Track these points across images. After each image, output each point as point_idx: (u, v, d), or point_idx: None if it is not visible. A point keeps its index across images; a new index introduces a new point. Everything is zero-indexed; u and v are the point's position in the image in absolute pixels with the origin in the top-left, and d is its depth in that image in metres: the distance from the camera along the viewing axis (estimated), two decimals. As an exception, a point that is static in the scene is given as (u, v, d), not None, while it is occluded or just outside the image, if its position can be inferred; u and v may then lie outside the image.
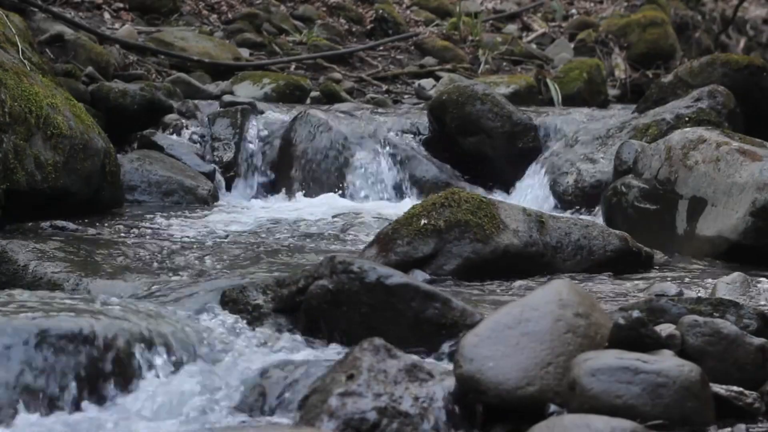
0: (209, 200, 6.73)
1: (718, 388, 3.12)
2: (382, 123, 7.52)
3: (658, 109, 6.98)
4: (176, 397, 3.26)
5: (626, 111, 7.79)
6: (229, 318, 3.73)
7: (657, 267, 4.99)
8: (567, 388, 2.98)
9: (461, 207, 4.67)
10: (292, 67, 9.52)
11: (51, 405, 3.18)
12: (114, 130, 6.86)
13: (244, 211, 6.52)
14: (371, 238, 4.87)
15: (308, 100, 8.66)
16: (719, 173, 5.32)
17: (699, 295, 4.19)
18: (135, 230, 5.64)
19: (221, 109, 7.65)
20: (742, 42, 13.46)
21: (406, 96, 9.33)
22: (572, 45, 10.92)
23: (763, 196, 5.12)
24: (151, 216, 6.02)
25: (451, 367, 3.17)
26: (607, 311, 3.40)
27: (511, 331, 3.11)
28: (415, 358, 3.25)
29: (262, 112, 7.59)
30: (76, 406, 3.20)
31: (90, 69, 7.94)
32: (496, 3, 12.07)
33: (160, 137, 7.21)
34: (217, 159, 7.29)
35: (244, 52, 9.51)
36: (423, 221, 4.64)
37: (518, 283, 4.55)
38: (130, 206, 6.40)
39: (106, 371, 3.29)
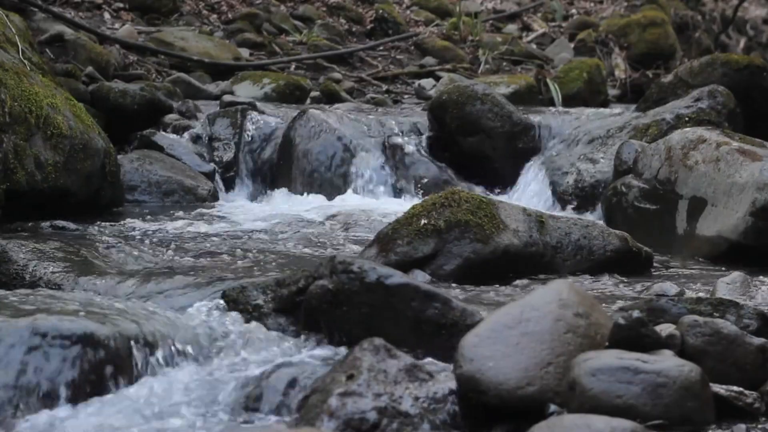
0: (209, 200, 6.74)
1: (718, 388, 3.12)
2: (382, 123, 7.52)
3: (658, 109, 6.98)
4: (176, 398, 3.26)
5: (626, 111, 7.79)
6: (229, 318, 3.73)
7: (657, 267, 4.99)
8: (567, 388, 2.98)
9: (461, 207, 4.67)
10: (292, 67, 9.52)
11: (51, 404, 3.18)
12: (114, 130, 6.86)
13: (244, 211, 6.52)
14: (371, 238, 4.87)
15: (308, 100, 8.65)
16: (719, 173, 5.32)
17: (699, 295, 4.19)
18: (135, 230, 5.64)
19: (221, 109, 7.65)
20: (742, 42, 13.46)
21: (406, 96, 9.33)
22: (572, 45, 10.92)
23: (763, 196, 5.12)
24: (151, 216, 6.02)
25: (451, 367, 3.17)
26: (607, 311, 3.40)
27: (511, 331, 3.11)
28: (415, 358, 3.25)
29: (262, 112, 7.59)
30: (76, 405, 3.20)
31: (90, 69, 7.94)
32: (496, 3, 12.07)
33: (160, 137, 7.21)
34: (217, 159, 7.29)
35: (244, 52, 9.51)
36: (423, 221, 4.64)
37: (518, 283, 4.55)
38: (130, 206, 6.40)
39: (105, 371, 3.29)
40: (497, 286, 4.51)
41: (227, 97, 7.94)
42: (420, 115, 7.69)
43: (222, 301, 3.86)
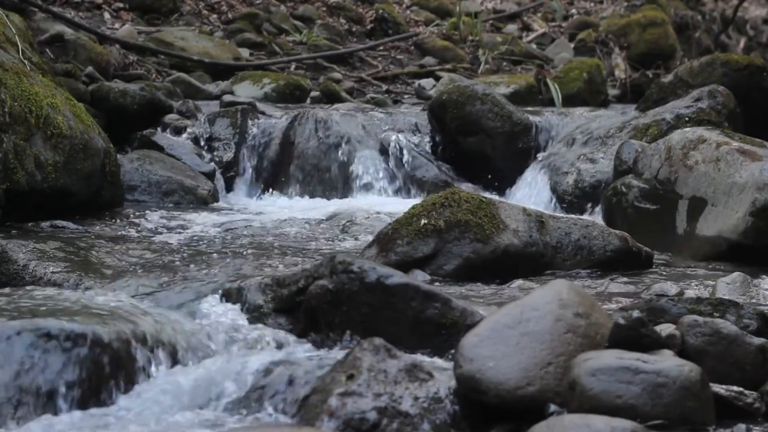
0: (209, 200, 6.74)
1: (718, 388, 3.12)
2: (382, 123, 7.52)
3: (658, 109, 6.98)
4: (176, 398, 3.26)
5: (626, 111, 7.79)
6: (229, 318, 3.73)
7: (657, 267, 4.99)
8: (567, 388, 2.98)
9: (461, 207, 4.67)
10: (292, 67, 9.52)
11: (51, 405, 3.18)
12: (114, 130, 6.86)
13: (244, 211, 6.52)
14: (371, 238, 4.87)
15: (308, 100, 8.66)
16: (719, 173, 5.32)
17: (699, 295, 4.19)
18: (135, 230, 5.64)
19: (221, 109, 7.65)
20: (742, 42, 13.46)
21: (406, 96, 9.33)
22: (572, 45, 10.92)
23: (763, 196, 5.12)
24: (151, 216, 6.02)
25: (451, 367, 3.17)
26: (607, 311, 3.40)
27: (511, 331, 3.11)
28: (415, 358, 3.25)
29: (262, 112, 7.60)
30: (77, 406, 3.20)
31: (90, 69, 7.94)
32: (496, 3, 12.07)
33: (160, 137, 7.21)
34: (217, 159, 7.29)
35: (244, 52, 9.51)
36: (423, 221, 4.64)
37: (518, 283, 4.55)
38: (130, 206, 6.40)
39: (105, 371, 3.29)
40: (497, 286, 4.51)
41: (227, 97, 7.94)
42: (420, 115, 7.69)
43: (222, 301, 3.86)
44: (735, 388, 3.15)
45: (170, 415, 3.18)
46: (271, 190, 7.24)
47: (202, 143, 7.35)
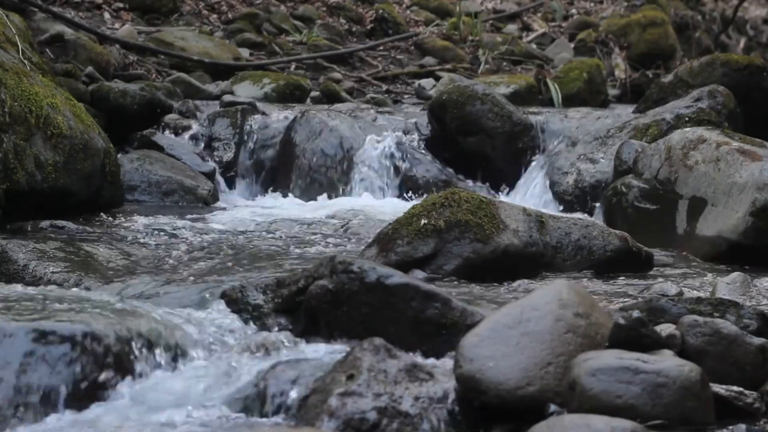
0: (209, 200, 6.74)
1: (718, 388, 3.12)
2: (382, 123, 7.52)
3: (658, 109, 6.98)
4: (176, 398, 3.26)
5: (626, 111, 7.79)
6: (229, 318, 3.73)
7: (657, 267, 4.99)
8: (567, 388, 2.98)
9: (461, 207, 4.67)
10: (292, 67, 9.52)
11: (51, 404, 3.18)
12: (114, 130, 6.86)
13: (244, 211, 6.52)
14: (371, 238, 4.87)
15: (308, 100, 8.65)
16: (719, 173, 5.32)
17: (699, 295, 4.19)
18: (135, 230, 5.64)
19: (221, 109, 7.65)
20: (742, 42, 13.46)
21: (406, 96, 9.33)
22: (572, 45, 10.91)
23: (763, 196, 5.12)
24: (151, 216, 6.02)
25: (451, 367, 3.17)
26: (607, 311, 3.40)
27: (511, 331, 3.11)
28: (415, 358, 3.25)
29: (262, 113, 7.60)
30: (76, 406, 3.20)
31: (90, 69, 7.94)
32: (496, 3, 12.07)
33: (160, 137, 7.22)
34: (217, 159, 7.30)
35: (244, 52, 9.51)
36: (423, 221, 4.64)
37: (518, 283, 4.55)
38: (130, 206, 6.40)
39: (104, 371, 3.29)
40: (497, 286, 4.51)
41: (227, 97, 7.94)
42: (420, 115, 7.69)
43: (222, 301, 3.86)
44: (735, 388, 3.15)
45: (169, 416, 3.18)
46: (271, 190, 7.24)
47: (202, 143, 7.35)
